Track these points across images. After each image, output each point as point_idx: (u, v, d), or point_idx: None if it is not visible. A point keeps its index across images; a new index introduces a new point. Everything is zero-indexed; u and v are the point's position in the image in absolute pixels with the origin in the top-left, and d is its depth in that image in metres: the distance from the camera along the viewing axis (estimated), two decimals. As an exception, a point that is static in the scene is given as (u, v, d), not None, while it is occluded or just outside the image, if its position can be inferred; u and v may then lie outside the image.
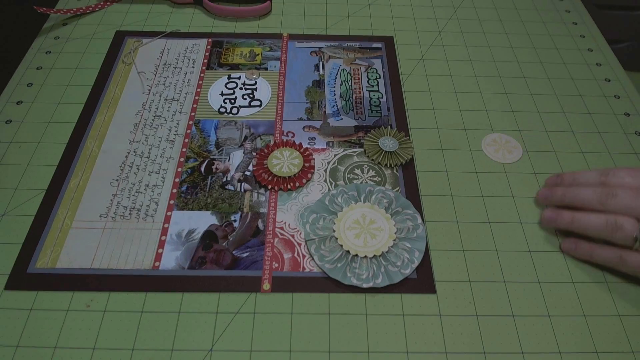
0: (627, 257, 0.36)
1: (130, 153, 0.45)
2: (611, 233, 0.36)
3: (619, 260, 0.37)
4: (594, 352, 0.35)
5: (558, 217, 0.40)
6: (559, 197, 0.40)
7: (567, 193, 0.40)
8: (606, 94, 0.52)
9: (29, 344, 0.34)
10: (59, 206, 0.41)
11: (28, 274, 0.37)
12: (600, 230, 0.37)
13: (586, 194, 0.38)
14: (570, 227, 0.39)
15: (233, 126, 0.48)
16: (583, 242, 0.39)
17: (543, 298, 0.37)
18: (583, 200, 0.38)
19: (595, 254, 0.38)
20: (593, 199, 0.38)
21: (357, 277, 0.37)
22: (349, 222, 0.40)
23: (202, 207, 0.41)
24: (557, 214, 0.40)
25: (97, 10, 0.60)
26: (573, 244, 0.39)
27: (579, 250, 0.39)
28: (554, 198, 0.41)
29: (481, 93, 0.52)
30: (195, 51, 0.55)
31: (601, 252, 0.38)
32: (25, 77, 0.52)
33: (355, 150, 0.46)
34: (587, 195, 0.38)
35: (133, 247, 0.39)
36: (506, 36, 0.59)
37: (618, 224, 0.36)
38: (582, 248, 0.39)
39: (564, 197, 0.40)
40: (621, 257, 0.36)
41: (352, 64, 0.54)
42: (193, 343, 0.34)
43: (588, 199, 0.38)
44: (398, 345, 0.35)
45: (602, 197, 0.37)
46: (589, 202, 0.38)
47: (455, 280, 0.38)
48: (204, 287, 0.37)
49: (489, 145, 0.47)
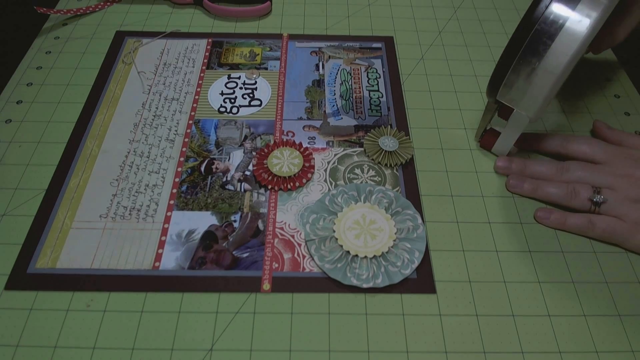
0: (595, 220, 0.39)
1: (130, 153, 0.45)
2: (569, 200, 0.41)
3: (589, 224, 0.40)
4: (594, 352, 0.35)
5: (523, 185, 0.43)
6: (518, 170, 0.44)
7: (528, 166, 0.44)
8: (606, 93, 0.52)
9: (29, 344, 0.34)
10: (59, 206, 0.41)
11: (28, 274, 0.37)
12: (561, 197, 0.41)
13: (543, 167, 0.43)
14: (534, 194, 0.43)
15: (233, 126, 0.48)
16: (556, 211, 0.41)
17: (543, 298, 0.37)
18: (540, 172, 0.43)
19: (568, 222, 0.40)
20: (550, 171, 0.43)
21: (357, 277, 0.37)
22: (349, 223, 0.40)
23: (202, 207, 0.41)
24: (522, 182, 0.43)
25: (97, 10, 0.60)
26: (547, 212, 0.41)
27: (553, 219, 0.41)
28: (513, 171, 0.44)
29: (481, 93, 0.52)
30: (195, 51, 0.55)
31: (573, 219, 0.40)
32: (25, 77, 0.52)
33: (355, 149, 0.46)
34: (545, 167, 0.43)
35: (133, 247, 0.39)
36: (506, 36, 0.59)
37: (576, 191, 0.40)
38: (555, 217, 0.41)
39: (523, 169, 0.44)
40: (590, 221, 0.40)
41: (352, 63, 0.54)
42: (193, 343, 0.34)
43: (545, 171, 0.43)
44: (398, 345, 0.35)
45: (558, 170, 0.42)
46: (547, 174, 0.43)
47: (455, 280, 0.38)
48: (204, 287, 0.37)
49: None
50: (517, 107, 0.39)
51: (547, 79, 0.36)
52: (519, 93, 0.38)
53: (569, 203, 0.41)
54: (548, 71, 0.35)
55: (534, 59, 0.36)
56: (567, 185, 0.41)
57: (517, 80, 0.37)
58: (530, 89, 0.37)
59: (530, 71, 0.36)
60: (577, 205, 0.40)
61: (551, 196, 0.42)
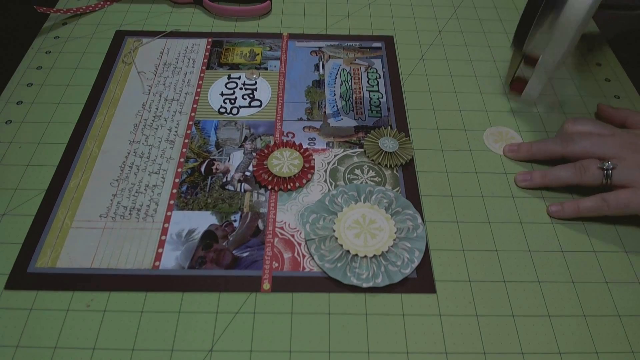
0: (608, 198, 0.39)
1: (130, 153, 0.45)
2: (580, 177, 0.40)
3: (603, 203, 0.39)
4: (594, 352, 0.35)
5: (532, 176, 0.43)
6: (525, 150, 0.45)
7: (534, 145, 0.44)
8: (606, 94, 0.52)
9: (29, 344, 0.34)
10: (59, 206, 0.41)
11: (28, 273, 0.37)
12: (571, 176, 0.41)
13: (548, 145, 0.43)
14: (544, 181, 0.42)
15: (233, 126, 0.48)
16: (567, 202, 0.41)
17: (543, 298, 0.37)
18: (547, 149, 0.43)
19: (581, 206, 0.40)
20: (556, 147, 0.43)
21: (357, 277, 0.37)
22: (349, 222, 0.40)
23: (202, 207, 0.41)
24: (530, 173, 0.43)
25: (97, 10, 0.60)
26: (559, 205, 0.41)
27: (566, 209, 0.41)
28: (521, 153, 0.45)
29: (481, 93, 0.52)
30: (195, 51, 0.55)
31: (586, 203, 0.40)
32: (25, 77, 0.52)
33: (355, 150, 0.46)
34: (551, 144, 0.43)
35: (133, 247, 0.39)
36: (506, 36, 0.59)
37: (584, 166, 0.40)
38: (568, 205, 0.41)
39: (530, 149, 0.44)
40: (603, 199, 0.39)
41: (352, 63, 0.54)
42: (193, 343, 0.34)
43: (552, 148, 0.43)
44: (398, 345, 0.35)
45: (564, 143, 0.42)
46: (553, 150, 0.43)
47: (455, 280, 0.38)
48: (204, 287, 0.37)
49: (492, 135, 0.48)
50: (542, 55, 0.42)
51: (568, 27, 0.39)
52: (543, 42, 0.41)
53: (580, 180, 0.40)
54: (569, 20, 0.38)
55: (555, 10, 0.39)
56: (574, 164, 0.41)
57: (540, 31, 0.40)
58: (554, 39, 0.40)
59: (552, 21, 0.39)
60: (589, 179, 0.40)
61: (561, 178, 0.41)
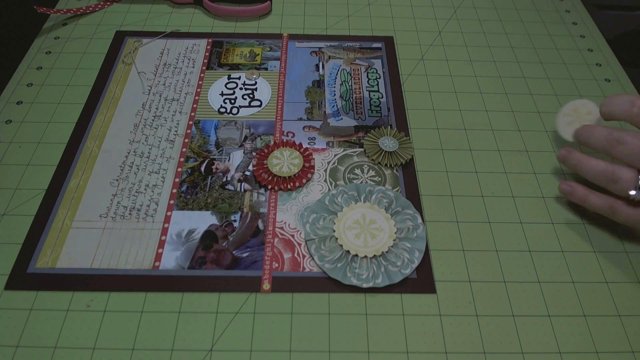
0: (618, 208, 0.37)
1: (130, 153, 0.45)
2: (607, 183, 0.37)
3: (610, 211, 0.38)
4: (594, 352, 0.35)
5: (569, 155, 0.40)
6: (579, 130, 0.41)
7: (585, 128, 0.40)
8: (606, 94, 0.52)
9: (29, 344, 0.34)
10: (59, 206, 0.41)
11: (28, 274, 0.37)
12: (599, 177, 0.38)
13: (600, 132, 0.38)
14: (576, 167, 0.40)
15: (233, 126, 0.48)
16: (579, 186, 0.40)
17: (543, 298, 0.37)
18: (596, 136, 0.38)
19: (588, 200, 0.39)
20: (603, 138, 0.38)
21: (357, 277, 0.37)
22: (349, 222, 0.40)
23: (202, 207, 0.41)
24: (570, 152, 0.40)
25: (97, 10, 0.60)
26: (569, 186, 0.40)
27: (575, 194, 0.40)
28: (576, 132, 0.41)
29: (481, 93, 0.52)
30: (195, 51, 0.55)
31: (595, 200, 0.39)
32: (25, 77, 0.52)
33: (355, 150, 0.46)
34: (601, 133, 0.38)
35: (133, 247, 0.39)
36: (506, 36, 0.59)
37: (616, 176, 0.36)
38: (578, 192, 0.40)
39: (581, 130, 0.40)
40: (612, 207, 0.37)
41: (352, 64, 0.54)
42: (193, 343, 0.34)
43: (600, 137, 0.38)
44: (398, 345, 0.35)
45: (612, 141, 0.37)
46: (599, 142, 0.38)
47: (455, 280, 0.38)
48: (204, 287, 0.37)
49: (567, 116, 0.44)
50: None
51: None
52: None
53: (605, 186, 0.37)
54: None
55: None
56: (609, 164, 0.37)
57: None
58: None
59: None
60: (615, 191, 0.37)
61: (590, 172, 0.38)
